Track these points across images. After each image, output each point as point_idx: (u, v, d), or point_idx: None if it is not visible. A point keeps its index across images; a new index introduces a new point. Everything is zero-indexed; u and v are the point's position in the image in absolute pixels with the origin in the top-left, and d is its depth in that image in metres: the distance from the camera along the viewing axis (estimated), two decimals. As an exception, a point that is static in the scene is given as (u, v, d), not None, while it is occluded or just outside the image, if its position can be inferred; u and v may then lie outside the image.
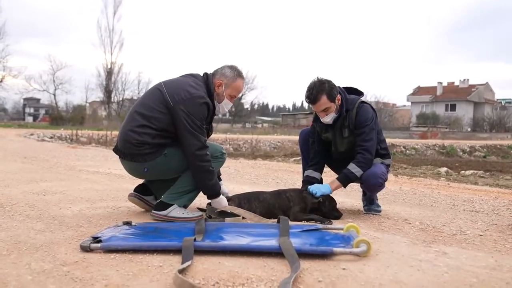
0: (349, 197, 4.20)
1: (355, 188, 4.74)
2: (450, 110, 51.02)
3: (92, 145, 14.49)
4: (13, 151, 9.40)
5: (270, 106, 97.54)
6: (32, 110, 70.50)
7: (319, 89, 3.04)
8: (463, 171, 9.44)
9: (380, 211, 3.35)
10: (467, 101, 50.83)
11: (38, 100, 66.67)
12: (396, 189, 4.86)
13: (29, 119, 62.20)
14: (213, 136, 24.28)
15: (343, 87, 3.27)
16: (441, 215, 3.31)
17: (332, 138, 3.25)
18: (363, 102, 3.17)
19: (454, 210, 3.58)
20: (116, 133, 22.24)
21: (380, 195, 4.36)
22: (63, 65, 45.66)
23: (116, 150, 2.95)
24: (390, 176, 6.53)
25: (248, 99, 55.37)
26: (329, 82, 3.09)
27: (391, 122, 50.01)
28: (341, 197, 4.09)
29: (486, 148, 22.33)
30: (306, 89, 3.10)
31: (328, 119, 3.13)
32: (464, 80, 54.20)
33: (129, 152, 2.84)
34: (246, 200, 3.05)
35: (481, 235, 2.69)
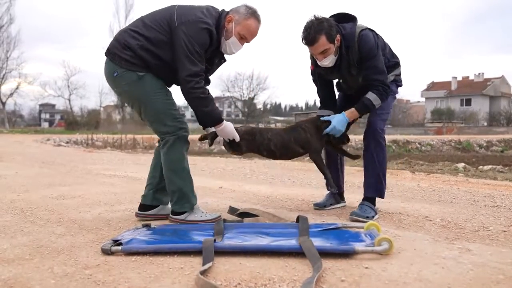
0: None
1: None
2: (466, 105, 50.32)
3: (108, 149, 14.63)
4: (31, 157, 9.53)
5: (282, 106, 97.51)
6: (47, 116, 71.47)
7: (318, 29, 2.75)
8: (481, 166, 9.30)
9: (367, 217, 2.86)
10: (483, 95, 50.10)
11: (53, 105, 67.67)
12: (414, 186, 4.80)
13: (45, 124, 63.09)
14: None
15: (332, 18, 2.91)
16: (462, 211, 3.26)
17: (342, 79, 3.12)
18: (362, 30, 2.87)
19: (475, 206, 3.52)
20: (131, 136, 22.46)
21: (398, 192, 4.32)
22: (77, 70, 46.34)
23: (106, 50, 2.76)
24: (407, 174, 6.47)
25: (261, 99, 55.51)
26: (328, 20, 2.80)
27: (405, 119, 49.57)
28: (358, 195, 4.05)
29: (504, 143, 21.98)
30: (302, 29, 2.82)
31: (326, 62, 2.87)
32: (479, 74, 53.45)
33: (113, 50, 2.68)
34: (259, 133, 2.95)
35: (504, 230, 2.63)
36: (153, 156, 2.98)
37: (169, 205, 2.98)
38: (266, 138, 2.92)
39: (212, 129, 2.81)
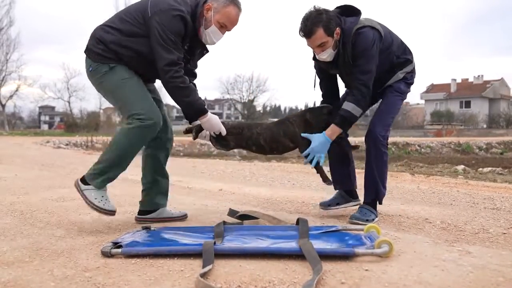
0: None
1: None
2: (465, 107, 50.39)
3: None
4: (30, 159, 9.53)
5: (282, 108, 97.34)
6: (47, 118, 71.52)
7: (315, 21, 2.64)
8: (480, 169, 9.32)
9: (367, 220, 2.80)
10: (482, 98, 50.17)
11: (53, 108, 67.69)
12: (414, 188, 4.80)
13: (45, 126, 63.10)
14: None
15: (336, 10, 2.81)
16: (462, 213, 3.26)
17: (341, 76, 2.99)
18: (361, 28, 2.72)
19: (474, 208, 3.52)
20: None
21: (398, 194, 4.32)
22: (77, 72, 46.20)
23: None
24: (407, 176, 6.47)
25: (261, 101, 55.49)
26: (327, 12, 2.69)
27: (405, 121, 49.58)
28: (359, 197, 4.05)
29: (503, 145, 21.99)
30: (300, 20, 2.73)
31: (324, 55, 2.75)
32: (479, 76, 53.55)
33: (88, 46, 2.66)
34: (247, 127, 2.84)
35: (504, 233, 2.63)
36: (142, 160, 2.94)
37: (169, 209, 2.98)
38: (255, 132, 2.81)
39: (198, 122, 2.73)
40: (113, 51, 2.59)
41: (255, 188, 4.84)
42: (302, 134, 2.78)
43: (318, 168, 2.82)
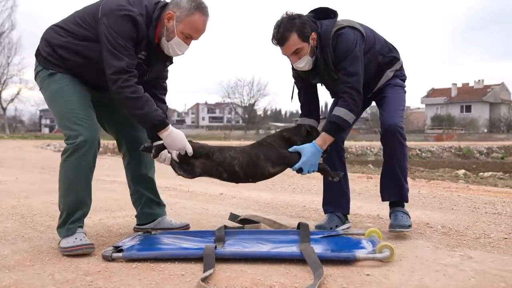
0: (367, 201, 4.16)
1: (373, 193, 4.70)
2: (466, 112, 50.39)
3: (108, 155, 14.60)
4: (30, 162, 9.53)
5: (283, 112, 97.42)
6: (48, 122, 71.50)
7: (288, 26, 2.44)
8: (481, 173, 9.29)
9: (409, 226, 2.59)
10: (483, 102, 50.18)
11: (53, 111, 67.61)
12: (415, 193, 4.80)
13: (46, 130, 63.13)
14: (226, 142, 24.05)
15: (310, 15, 2.62)
16: (463, 218, 3.25)
17: (325, 84, 2.77)
18: (340, 28, 2.53)
19: (475, 213, 3.51)
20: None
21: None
22: (78, 76, 46.25)
23: None
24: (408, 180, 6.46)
25: (261, 105, 55.57)
26: (300, 17, 2.49)
27: (406, 125, 49.27)
28: (359, 201, 4.05)
29: (504, 149, 21.96)
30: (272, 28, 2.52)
31: (301, 64, 2.54)
32: (479, 80, 53.59)
33: (38, 46, 2.43)
34: (218, 150, 2.43)
35: (506, 238, 2.63)
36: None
37: (169, 219, 2.84)
38: (228, 156, 2.41)
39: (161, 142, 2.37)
40: (59, 56, 2.34)
41: (256, 192, 4.84)
42: (290, 149, 2.52)
43: (320, 170, 2.59)
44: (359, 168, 10.19)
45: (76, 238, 2.25)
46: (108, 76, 2.21)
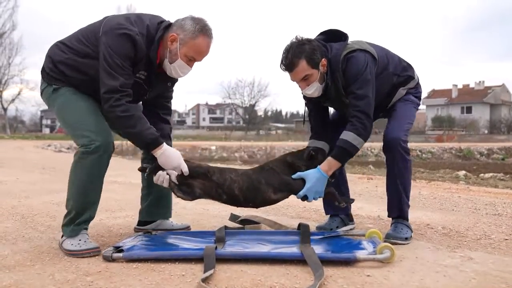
0: (367, 202, 4.15)
1: (374, 194, 4.70)
2: (466, 113, 50.42)
3: (108, 155, 14.62)
4: (31, 162, 9.53)
5: (283, 113, 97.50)
6: (49, 122, 71.54)
7: (297, 52, 2.38)
8: (482, 174, 9.30)
9: (406, 238, 2.50)
10: (483, 103, 50.20)
11: (54, 111, 67.64)
12: (415, 194, 4.79)
13: (46, 130, 63.14)
14: (227, 143, 24.00)
15: (320, 37, 2.56)
16: (464, 219, 3.25)
17: (334, 108, 2.73)
18: (350, 52, 2.46)
19: (476, 214, 3.51)
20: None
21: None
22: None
23: None
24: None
25: (262, 106, 55.63)
26: (310, 42, 2.43)
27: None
28: (359, 202, 4.05)
29: (505, 150, 21.96)
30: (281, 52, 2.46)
31: (310, 90, 2.48)
32: (480, 82, 53.66)
33: (43, 64, 2.44)
34: (218, 172, 2.38)
35: (506, 239, 2.63)
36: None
37: (170, 220, 2.84)
38: (229, 178, 2.35)
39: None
40: (60, 72, 2.35)
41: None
42: (293, 176, 2.42)
43: (327, 194, 2.47)
44: (360, 169, 10.19)
45: (80, 240, 2.25)
46: (101, 94, 2.21)
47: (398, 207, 2.59)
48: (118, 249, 2.17)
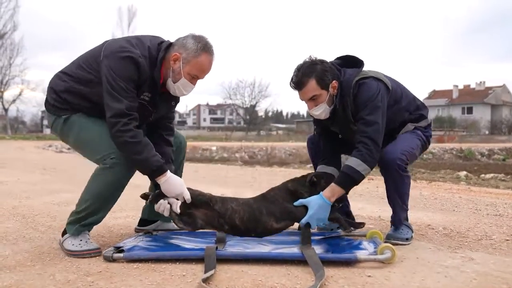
0: (368, 202, 4.15)
1: (374, 194, 4.70)
2: (467, 113, 50.42)
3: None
4: (32, 163, 9.54)
5: (284, 113, 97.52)
6: (49, 122, 71.61)
7: (307, 71, 2.36)
8: (483, 175, 9.28)
9: (407, 239, 2.48)
10: (484, 104, 50.20)
11: (55, 112, 67.65)
12: (416, 194, 4.79)
13: (47, 131, 63.14)
14: (228, 144, 23.95)
15: (336, 61, 2.53)
16: (465, 220, 3.25)
17: (341, 133, 2.67)
18: (362, 78, 2.42)
19: (477, 215, 3.51)
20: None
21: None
22: (79, 77, 46.22)
23: None
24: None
25: (262, 106, 55.58)
26: (323, 63, 2.40)
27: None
28: (360, 203, 4.05)
29: (506, 151, 21.92)
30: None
31: (318, 111, 2.43)
32: (481, 82, 53.67)
33: (46, 96, 2.41)
34: (220, 201, 2.32)
35: (507, 239, 2.62)
36: None
37: (172, 223, 2.75)
38: (230, 208, 2.29)
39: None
40: (64, 100, 2.32)
41: (257, 193, 4.83)
42: (295, 203, 2.34)
43: (332, 220, 2.41)
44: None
45: (81, 241, 2.25)
46: (108, 118, 2.17)
47: (396, 212, 2.55)
48: (119, 249, 2.17)
